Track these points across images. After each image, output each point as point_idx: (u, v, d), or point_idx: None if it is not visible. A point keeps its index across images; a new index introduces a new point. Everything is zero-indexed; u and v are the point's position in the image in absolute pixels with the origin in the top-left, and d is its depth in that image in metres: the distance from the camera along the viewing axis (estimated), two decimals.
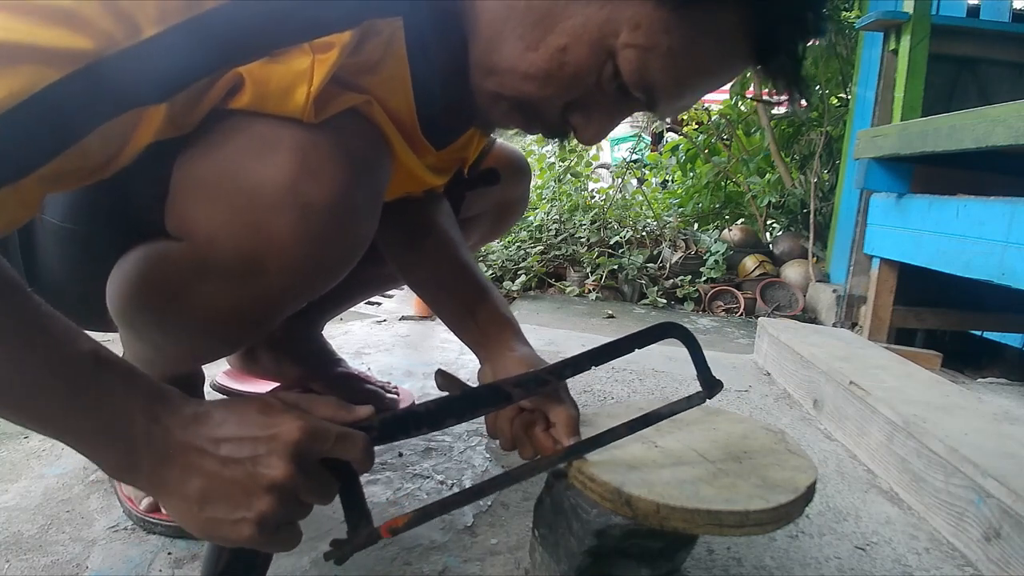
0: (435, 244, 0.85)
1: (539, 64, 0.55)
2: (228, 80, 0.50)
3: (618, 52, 0.53)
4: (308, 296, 0.65)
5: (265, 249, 0.56)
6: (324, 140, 0.55)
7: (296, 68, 0.50)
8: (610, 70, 0.55)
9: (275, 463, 0.45)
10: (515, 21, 0.56)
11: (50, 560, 0.68)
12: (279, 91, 0.51)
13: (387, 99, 0.60)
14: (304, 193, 0.54)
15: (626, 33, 0.52)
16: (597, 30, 0.53)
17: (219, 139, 0.56)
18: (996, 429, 0.93)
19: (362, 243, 0.63)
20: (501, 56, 0.57)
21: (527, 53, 0.56)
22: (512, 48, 0.56)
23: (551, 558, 0.62)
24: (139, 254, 0.62)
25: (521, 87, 0.58)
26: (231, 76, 0.50)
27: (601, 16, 0.52)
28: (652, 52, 0.53)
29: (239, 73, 0.49)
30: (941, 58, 2.38)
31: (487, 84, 0.60)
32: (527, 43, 0.55)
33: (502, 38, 0.57)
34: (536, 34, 0.55)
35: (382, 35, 0.55)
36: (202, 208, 0.57)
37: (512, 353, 0.74)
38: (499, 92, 0.60)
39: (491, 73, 0.59)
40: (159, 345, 0.73)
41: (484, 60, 0.59)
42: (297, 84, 0.51)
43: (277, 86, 0.51)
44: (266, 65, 0.50)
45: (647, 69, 0.54)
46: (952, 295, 2.03)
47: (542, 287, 3.54)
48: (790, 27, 0.54)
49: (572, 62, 0.54)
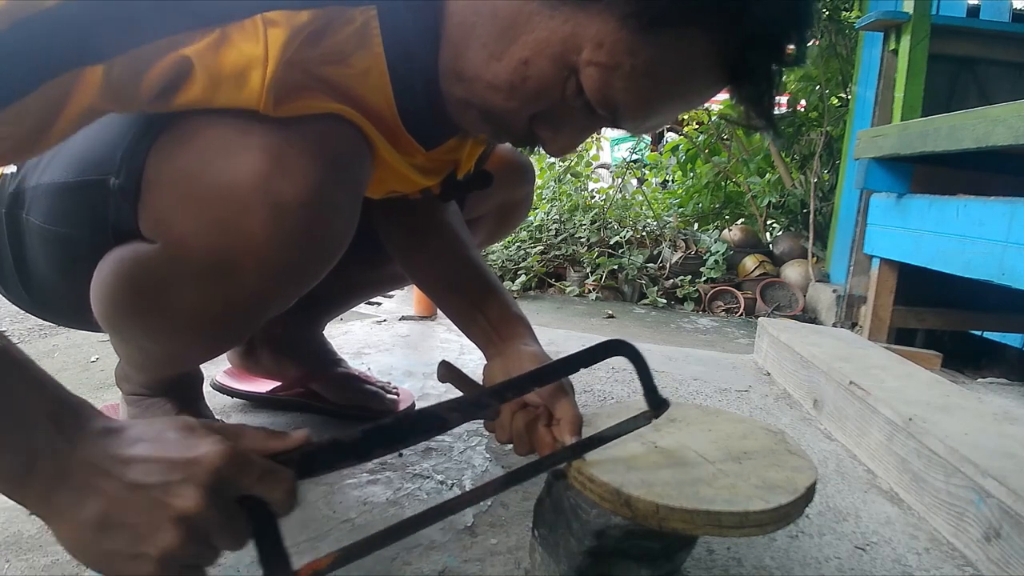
0: (444, 244, 0.85)
1: (502, 75, 0.54)
2: (173, 61, 0.47)
3: (581, 69, 0.52)
4: (289, 296, 0.64)
5: (238, 249, 0.55)
6: (296, 137, 0.54)
7: (249, 52, 0.48)
8: (574, 86, 0.53)
9: (188, 492, 0.39)
10: (481, 29, 0.54)
11: (50, 560, 0.68)
12: (232, 76, 0.49)
13: (364, 94, 0.58)
14: (275, 191, 0.53)
15: (589, 50, 0.51)
16: (560, 45, 0.51)
17: (189, 138, 0.55)
18: (996, 429, 0.93)
19: (340, 241, 0.62)
20: (468, 63, 0.56)
21: (491, 63, 0.54)
22: (478, 56, 0.55)
23: (551, 558, 0.62)
24: (115, 257, 0.62)
25: (486, 96, 0.56)
26: (176, 58, 0.47)
27: (564, 31, 0.51)
28: (615, 72, 0.51)
29: (186, 56, 0.47)
30: (941, 58, 2.38)
31: (456, 90, 0.59)
32: (491, 52, 0.54)
33: (469, 44, 0.55)
34: (500, 44, 0.53)
35: (354, 23, 0.53)
36: (173, 209, 0.56)
37: (525, 349, 0.74)
38: (468, 99, 0.58)
39: (459, 79, 0.57)
40: (145, 348, 0.73)
41: (453, 65, 0.57)
42: (251, 69, 0.48)
43: (231, 71, 0.48)
44: (216, 49, 0.47)
45: (610, 88, 0.52)
46: (952, 295, 2.04)
47: (542, 287, 3.54)
48: (764, 54, 0.52)
49: (534, 76, 0.53)
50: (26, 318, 1.74)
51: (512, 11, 0.52)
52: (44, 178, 0.64)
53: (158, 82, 0.48)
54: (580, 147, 3.81)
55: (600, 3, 0.49)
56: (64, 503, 0.40)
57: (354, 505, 0.80)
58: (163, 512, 0.39)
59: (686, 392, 1.34)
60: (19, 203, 0.65)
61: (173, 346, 0.71)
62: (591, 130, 0.61)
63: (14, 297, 0.74)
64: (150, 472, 0.40)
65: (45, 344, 1.54)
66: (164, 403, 0.84)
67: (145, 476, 0.40)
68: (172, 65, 0.47)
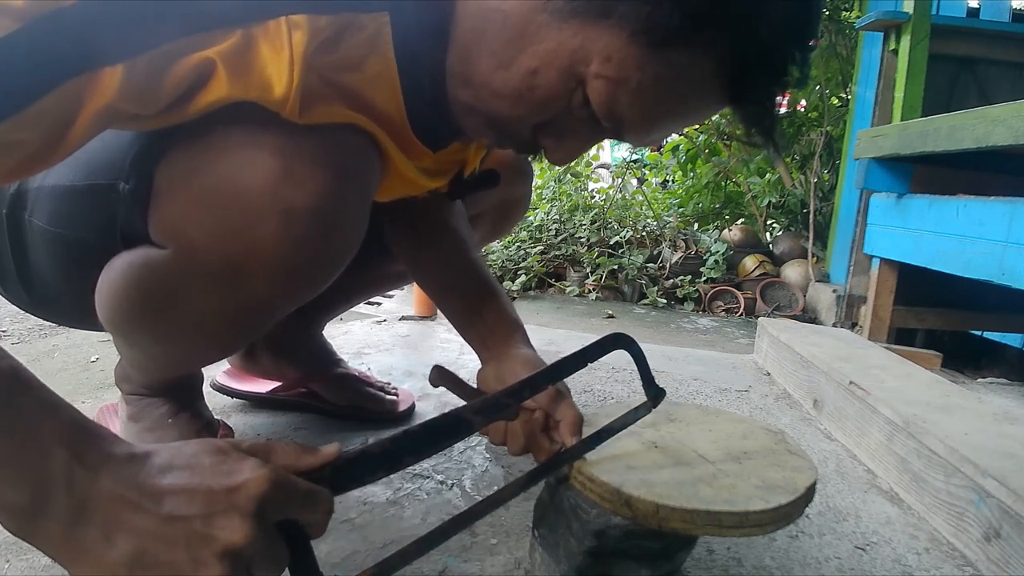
0: (447, 245, 0.86)
1: (510, 84, 0.54)
2: (196, 63, 0.46)
3: (588, 81, 0.52)
4: (295, 301, 0.64)
5: (248, 255, 0.55)
6: (307, 144, 0.54)
7: (274, 56, 0.47)
8: (580, 97, 0.53)
9: (234, 524, 0.35)
10: (491, 36, 0.54)
11: (50, 560, 0.68)
12: (257, 79, 0.48)
13: (374, 98, 0.58)
14: (286, 198, 0.54)
15: (597, 63, 0.51)
16: (568, 56, 0.51)
17: (200, 145, 0.55)
18: (996, 429, 0.93)
19: (349, 248, 0.62)
20: (475, 69, 0.56)
21: (499, 71, 0.54)
22: (486, 63, 0.55)
23: (551, 558, 0.62)
24: (124, 261, 0.62)
25: (492, 103, 0.56)
26: (199, 60, 0.46)
27: (574, 43, 0.51)
28: (622, 86, 0.51)
29: (209, 58, 0.46)
30: (941, 58, 2.38)
31: (462, 94, 0.59)
32: (500, 60, 0.54)
33: (478, 51, 0.55)
34: (509, 53, 0.53)
35: (366, 30, 0.53)
36: (184, 215, 0.56)
37: (518, 353, 0.74)
38: (473, 105, 0.58)
39: (466, 84, 0.58)
40: (150, 351, 0.73)
41: (460, 70, 0.57)
42: (277, 73, 0.48)
43: (256, 75, 0.48)
44: (240, 51, 0.46)
45: (616, 102, 0.52)
46: (952, 295, 2.04)
47: (542, 287, 3.54)
48: (768, 76, 0.52)
49: (542, 85, 0.53)
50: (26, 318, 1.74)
51: (522, 20, 0.52)
52: (48, 180, 0.64)
53: (181, 83, 0.47)
54: None
55: (611, 18, 0.50)
56: (87, 542, 0.36)
57: (354, 505, 0.80)
58: (207, 547, 0.35)
59: (686, 392, 1.34)
60: (21, 204, 0.65)
61: (179, 350, 0.72)
62: (593, 141, 0.61)
63: (14, 297, 0.74)
64: (188, 503, 0.36)
65: (45, 344, 1.54)
66: (163, 402, 0.84)
67: (183, 508, 0.36)
68: (195, 67, 0.46)
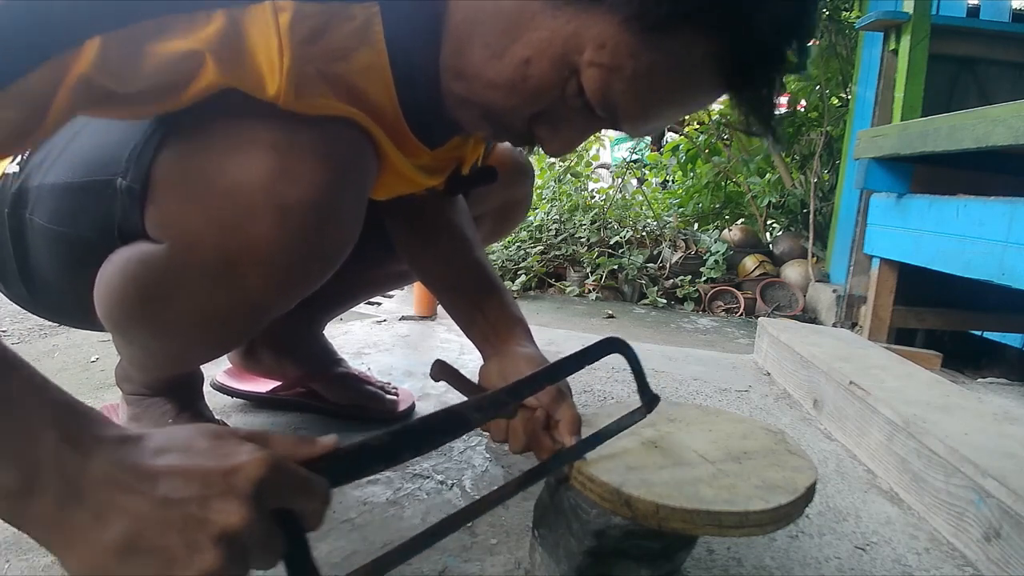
0: (451, 244, 0.85)
1: (503, 74, 0.53)
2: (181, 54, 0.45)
3: (582, 69, 0.52)
4: (291, 297, 0.64)
5: (243, 251, 0.55)
6: (302, 139, 0.54)
7: (263, 41, 0.47)
8: (574, 86, 0.53)
9: (231, 507, 0.34)
10: (484, 26, 0.54)
11: (50, 560, 0.68)
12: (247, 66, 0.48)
13: (366, 90, 0.58)
14: (281, 193, 0.54)
15: (590, 51, 0.50)
16: (561, 45, 0.51)
17: (196, 141, 0.55)
18: (996, 429, 0.93)
19: (344, 244, 0.62)
20: (468, 61, 0.55)
21: (492, 61, 0.54)
22: (479, 54, 0.54)
23: (551, 558, 0.62)
24: (121, 257, 0.62)
25: (486, 95, 0.56)
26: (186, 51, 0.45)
27: (567, 31, 0.51)
28: (616, 74, 0.51)
29: (197, 51, 0.45)
30: (941, 58, 2.38)
31: (455, 87, 0.58)
32: (493, 51, 0.54)
33: (471, 42, 0.55)
34: (502, 43, 0.53)
35: (355, 20, 0.52)
36: (180, 210, 0.57)
37: (521, 350, 0.74)
38: (467, 97, 0.58)
39: (459, 77, 0.57)
40: (148, 347, 0.73)
41: (453, 62, 0.57)
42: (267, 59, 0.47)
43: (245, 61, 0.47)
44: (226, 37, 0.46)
45: (610, 90, 0.52)
46: (952, 295, 2.04)
47: (542, 287, 3.54)
48: (766, 61, 0.52)
49: (535, 75, 0.53)
50: (26, 318, 1.74)
51: (515, 10, 0.52)
52: (49, 178, 0.64)
53: (165, 70, 0.46)
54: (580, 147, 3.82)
55: (603, 5, 0.49)
56: (77, 525, 0.34)
57: (354, 505, 0.80)
58: (203, 530, 0.34)
59: (686, 392, 1.34)
60: (22, 203, 0.65)
61: (177, 346, 0.72)
62: (590, 131, 0.61)
63: (15, 296, 0.74)
64: (184, 485, 0.35)
65: (45, 344, 1.54)
66: (164, 402, 0.84)
67: (178, 490, 0.35)
68: (181, 58, 0.45)
